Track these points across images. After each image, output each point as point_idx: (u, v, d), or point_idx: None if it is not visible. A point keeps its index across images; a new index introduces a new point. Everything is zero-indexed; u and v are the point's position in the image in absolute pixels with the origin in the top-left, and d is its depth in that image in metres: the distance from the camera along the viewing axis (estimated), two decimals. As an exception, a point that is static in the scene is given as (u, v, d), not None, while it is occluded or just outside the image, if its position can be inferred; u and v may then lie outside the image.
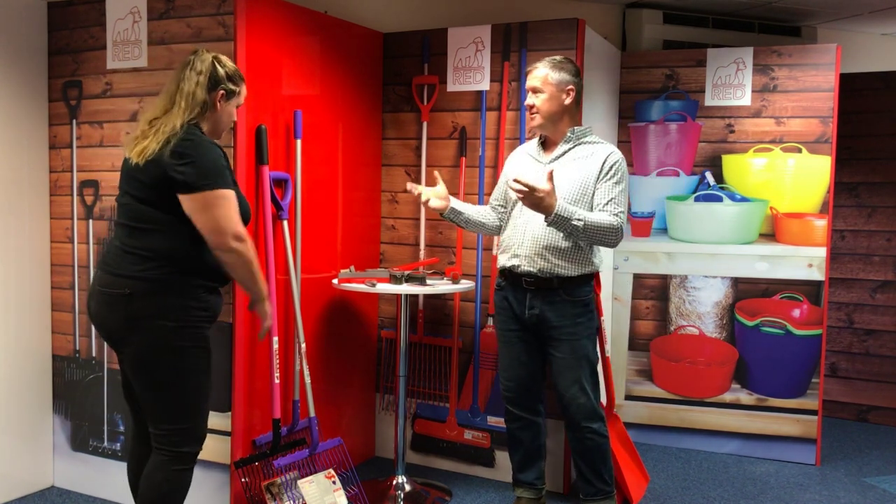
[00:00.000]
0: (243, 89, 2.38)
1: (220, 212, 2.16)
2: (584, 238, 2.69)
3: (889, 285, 4.54)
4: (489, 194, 3.48)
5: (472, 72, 3.49)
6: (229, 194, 2.19)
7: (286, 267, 3.09)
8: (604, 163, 2.77)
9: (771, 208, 3.91)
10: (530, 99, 2.83)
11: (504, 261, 2.91)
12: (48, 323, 3.29)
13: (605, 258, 3.06)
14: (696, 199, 3.99)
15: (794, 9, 4.44)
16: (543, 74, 2.79)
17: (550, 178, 2.59)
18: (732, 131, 3.96)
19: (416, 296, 3.61)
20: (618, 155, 2.81)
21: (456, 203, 2.97)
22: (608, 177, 2.76)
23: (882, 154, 4.53)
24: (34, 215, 3.22)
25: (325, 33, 3.31)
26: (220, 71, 2.29)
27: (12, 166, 3.12)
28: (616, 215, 2.72)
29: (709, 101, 3.98)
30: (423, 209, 3.62)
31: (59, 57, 3.20)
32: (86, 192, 3.18)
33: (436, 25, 3.66)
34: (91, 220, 3.18)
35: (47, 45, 3.22)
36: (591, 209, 2.76)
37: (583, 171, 2.78)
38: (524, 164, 2.94)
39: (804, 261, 3.86)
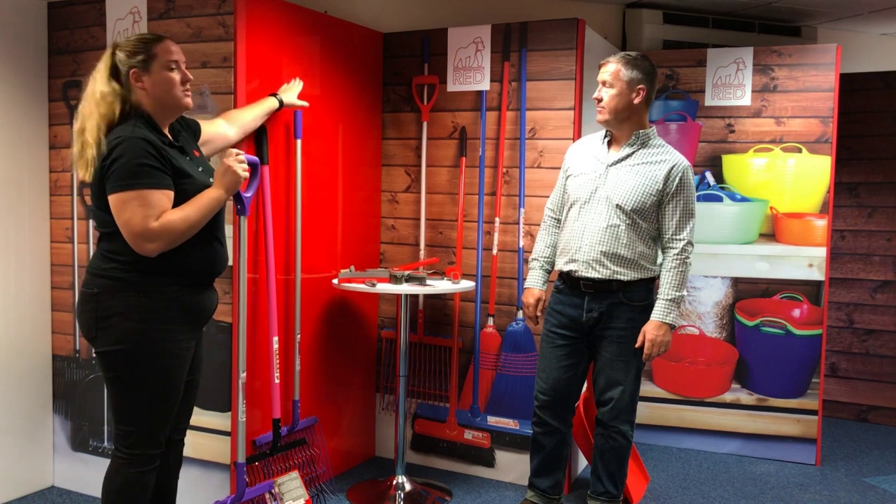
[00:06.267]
0: (158, 49, 2.21)
1: (125, 216, 2.11)
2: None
3: (889, 285, 4.54)
4: (489, 194, 3.48)
5: (472, 72, 3.49)
6: (135, 195, 2.10)
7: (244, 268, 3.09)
8: (669, 174, 2.73)
9: (771, 208, 3.91)
10: (598, 92, 2.77)
11: (561, 265, 2.87)
12: (48, 323, 3.29)
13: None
14: (696, 199, 3.98)
15: (794, 9, 4.44)
16: (615, 69, 2.73)
17: (641, 344, 2.75)
18: (732, 131, 3.95)
19: (416, 296, 3.61)
20: (683, 165, 2.76)
21: (542, 277, 2.98)
22: (675, 192, 2.74)
23: (882, 154, 4.53)
24: (34, 215, 3.22)
25: (325, 33, 3.31)
26: (119, 55, 2.20)
27: (12, 166, 3.12)
28: (681, 239, 2.77)
29: (709, 101, 3.98)
30: (423, 209, 3.63)
31: (59, 57, 3.20)
32: (86, 193, 3.17)
33: (436, 25, 3.66)
34: (91, 220, 3.17)
35: (47, 45, 3.22)
36: (651, 215, 2.76)
37: (646, 177, 2.74)
38: (585, 164, 2.86)
39: (804, 261, 3.86)
